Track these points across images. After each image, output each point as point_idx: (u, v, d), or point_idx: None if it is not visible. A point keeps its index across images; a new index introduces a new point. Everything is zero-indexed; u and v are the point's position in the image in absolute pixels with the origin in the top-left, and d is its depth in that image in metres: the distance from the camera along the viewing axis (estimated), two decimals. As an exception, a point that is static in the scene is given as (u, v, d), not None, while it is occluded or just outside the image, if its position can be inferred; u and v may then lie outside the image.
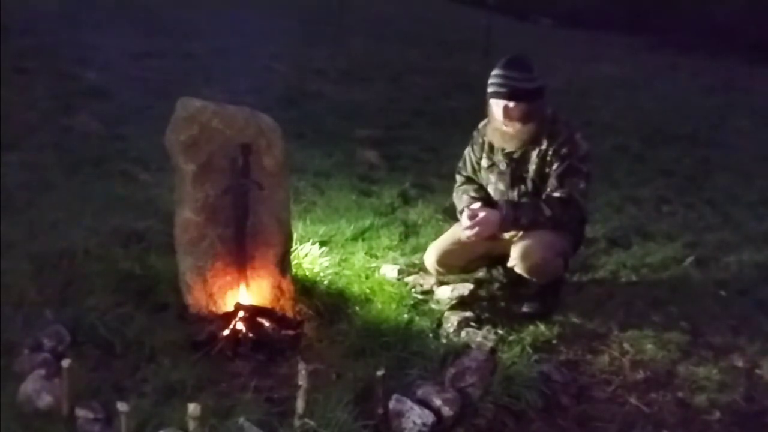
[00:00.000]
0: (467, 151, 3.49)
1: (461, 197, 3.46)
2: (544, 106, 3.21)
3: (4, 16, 7.67)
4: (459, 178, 3.54)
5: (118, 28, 8.64)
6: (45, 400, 2.37)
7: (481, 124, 3.41)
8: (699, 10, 15.04)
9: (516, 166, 3.26)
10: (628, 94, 9.13)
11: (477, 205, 3.31)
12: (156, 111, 5.26)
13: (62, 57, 7.32)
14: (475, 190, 3.43)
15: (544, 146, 3.19)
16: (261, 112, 3.03)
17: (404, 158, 5.75)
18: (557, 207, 3.16)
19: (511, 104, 3.11)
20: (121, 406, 2.14)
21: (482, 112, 3.31)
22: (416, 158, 5.77)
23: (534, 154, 3.22)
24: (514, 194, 3.29)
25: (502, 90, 3.10)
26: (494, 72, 3.14)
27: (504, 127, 3.18)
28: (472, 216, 3.21)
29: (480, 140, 3.41)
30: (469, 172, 3.50)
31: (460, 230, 3.29)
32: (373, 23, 11.83)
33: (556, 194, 3.17)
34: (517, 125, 3.15)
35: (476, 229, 3.18)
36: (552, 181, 3.19)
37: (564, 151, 3.16)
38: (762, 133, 7.62)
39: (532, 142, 3.20)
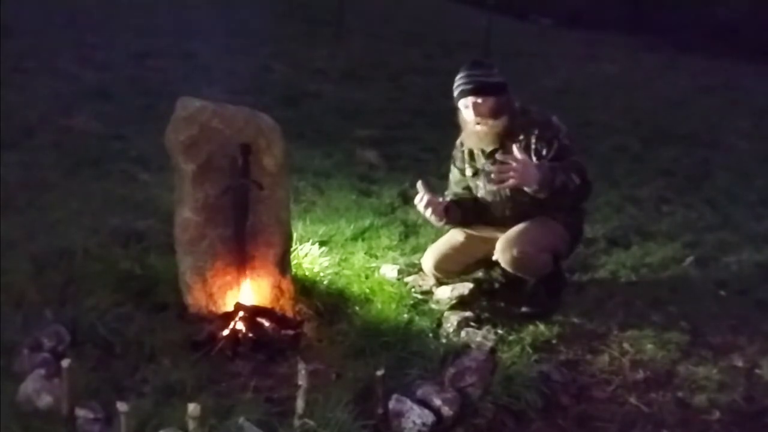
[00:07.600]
0: (450, 172, 3.50)
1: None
2: (512, 101, 3.23)
3: (4, 16, 7.67)
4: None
5: (117, 27, 8.64)
6: (45, 400, 2.37)
7: (458, 141, 3.42)
8: (699, 10, 15.07)
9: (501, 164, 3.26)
10: (627, 94, 9.13)
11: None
12: (156, 111, 5.26)
13: (62, 57, 7.32)
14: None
15: (522, 137, 3.18)
16: (261, 112, 3.04)
17: (404, 158, 5.74)
18: (579, 178, 3.08)
19: (479, 100, 3.13)
20: (121, 406, 2.14)
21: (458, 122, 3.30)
22: (416, 158, 5.76)
23: (515, 148, 3.19)
24: (506, 192, 3.27)
25: (467, 87, 3.14)
26: (457, 77, 3.19)
27: (477, 127, 3.18)
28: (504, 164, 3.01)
29: (459, 154, 3.42)
30: (454, 190, 3.49)
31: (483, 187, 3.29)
32: (373, 23, 11.82)
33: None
34: (489, 121, 3.16)
35: (516, 174, 2.97)
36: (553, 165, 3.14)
37: (548, 134, 3.16)
38: (762, 133, 7.61)
39: (508, 135, 3.19)
